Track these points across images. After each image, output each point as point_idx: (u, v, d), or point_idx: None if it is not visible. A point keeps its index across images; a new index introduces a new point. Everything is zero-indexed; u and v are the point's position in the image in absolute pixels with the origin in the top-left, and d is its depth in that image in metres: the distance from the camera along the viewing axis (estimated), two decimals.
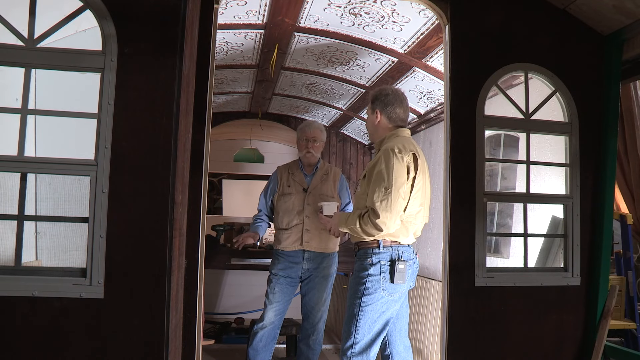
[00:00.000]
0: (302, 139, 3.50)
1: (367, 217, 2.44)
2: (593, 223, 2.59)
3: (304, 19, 3.18)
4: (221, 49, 3.68)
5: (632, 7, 2.33)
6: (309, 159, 3.48)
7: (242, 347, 4.13)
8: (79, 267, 1.87)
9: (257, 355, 3.34)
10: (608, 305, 2.55)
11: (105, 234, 1.85)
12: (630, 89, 4.01)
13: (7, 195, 2.26)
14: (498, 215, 3.83)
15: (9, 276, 1.83)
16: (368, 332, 2.49)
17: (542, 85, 2.65)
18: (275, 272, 3.39)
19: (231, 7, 2.99)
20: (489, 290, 2.41)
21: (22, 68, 1.90)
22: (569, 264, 2.56)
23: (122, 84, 1.90)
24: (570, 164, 2.59)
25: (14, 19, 1.90)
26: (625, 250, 3.90)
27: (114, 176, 1.87)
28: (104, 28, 1.91)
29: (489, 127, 2.51)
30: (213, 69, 2.28)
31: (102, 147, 1.87)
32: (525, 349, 2.46)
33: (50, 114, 2.08)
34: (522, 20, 2.58)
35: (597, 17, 2.54)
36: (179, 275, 1.98)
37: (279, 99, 5.12)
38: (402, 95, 2.72)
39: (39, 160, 2.02)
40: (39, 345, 1.82)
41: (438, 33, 3.03)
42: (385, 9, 2.94)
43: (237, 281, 5.57)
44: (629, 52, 2.59)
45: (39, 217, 2.52)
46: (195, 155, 2.18)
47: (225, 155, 5.68)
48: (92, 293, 1.84)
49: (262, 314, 3.40)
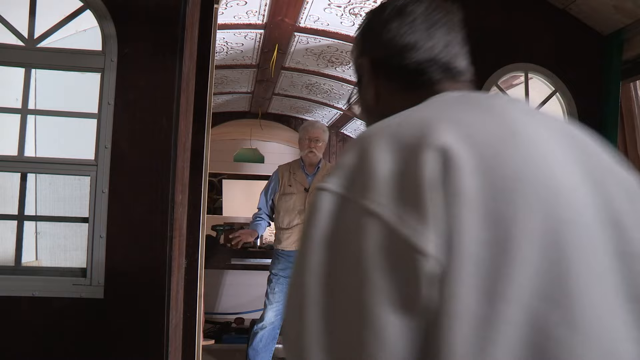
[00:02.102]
0: (304, 138, 3.51)
1: None
2: None
3: (304, 19, 3.18)
4: (221, 49, 3.68)
5: (632, 7, 2.33)
6: (311, 158, 3.49)
7: (242, 347, 4.13)
8: (79, 267, 1.87)
9: (257, 355, 3.34)
10: None
11: (105, 234, 1.85)
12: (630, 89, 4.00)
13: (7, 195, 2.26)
14: None
15: (9, 276, 1.83)
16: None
17: (542, 85, 2.64)
18: (276, 272, 3.39)
19: (231, 7, 2.99)
20: None
21: (22, 68, 1.90)
22: None
23: (122, 84, 1.90)
24: None
25: (14, 19, 1.90)
26: None
27: (114, 176, 1.87)
28: (104, 28, 1.91)
29: None
30: (213, 69, 2.28)
31: (102, 147, 1.87)
32: None
33: (50, 114, 2.08)
34: (522, 20, 2.57)
35: (597, 17, 2.54)
36: (179, 276, 1.98)
37: (279, 99, 5.12)
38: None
39: (39, 160, 2.02)
40: (39, 345, 1.81)
41: None
42: None
43: (237, 281, 5.56)
44: (629, 52, 2.59)
45: (39, 217, 2.52)
46: (195, 155, 2.18)
47: (225, 155, 5.67)
48: (92, 293, 1.83)
49: (262, 314, 3.40)
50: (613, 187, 0.59)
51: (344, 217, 0.53)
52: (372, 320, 0.48)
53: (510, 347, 0.47)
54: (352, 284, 0.50)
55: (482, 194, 0.50)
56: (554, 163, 0.56)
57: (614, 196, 0.58)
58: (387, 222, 0.50)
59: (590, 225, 0.54)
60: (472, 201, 0.50)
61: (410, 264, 0.49)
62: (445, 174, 0.50)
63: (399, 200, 0.50)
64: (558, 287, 0.50)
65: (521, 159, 0.54)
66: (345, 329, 0.50)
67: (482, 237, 0.49)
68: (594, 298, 0.51)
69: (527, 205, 0.51)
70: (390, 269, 0.49)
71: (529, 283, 0.49)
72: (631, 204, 0.58)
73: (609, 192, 0.58)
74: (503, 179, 0.52)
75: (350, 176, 0.55)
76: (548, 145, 0.58)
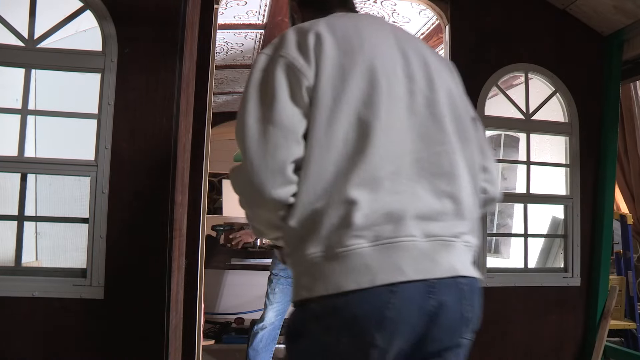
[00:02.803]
0: None
1: None
2: (593, 223, 2.58)
3: None
4: (221, 49, 3.68)
5: (632, 7, 2.33)
6: None
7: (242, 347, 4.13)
8: (79, 267, 1.87)
9: (258, 355, 3.34)
10: (608, 305, 2.55)
11: (105, 234, 1.85)
12: (630, 89, 4.01)
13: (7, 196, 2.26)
14: (498, 216, 3.83)
15: (9, 276, 1.83)
16: None
17: (542, 85, 2.64)
18: (276, 272, 3.39)
19: (231, 7, 3.00)
20: (489, 291, 2.39)
21: (22, 68, 1.90)
22: (569, 264, 2.55)
23: (122, 84, 1.90)
24: (570, 164, 2.59)
25: (14, 19, 1.90)
26: (625, 250, 3.90)
27: (114, 176, 1.87)
28: (104, 28, 1.91)
29: (489, 127, 2.51)
30: (213, 69, 2.28)
31: (102, 147, 1.87)
32: (525, 349, 2.46)
33: (50, 114, 2.08)
34: (522, 21, 2.57)
35: (597, 17, 2.54)
36: (179, 276, 1.98)
37: None
38: None
39: (39, 161, 2.02)
40: (39, 345, 1.81)
41: (438, 33, 3.04)
42: (385, 9, 2.94)
43: (237, 281, 5.56)
44: (629, 52, 2.59)
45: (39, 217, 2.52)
46: (195, 156, 2.18)
47: (225, 155, 5.66)
48: (92, 293, 1.83)
49: (262, 315, 3.40)
50: (414, 58, 1.13)
51: (269, 65, 1.08)
52: (281, 104, 1.03)
53: (345, 124, 1.02)
54: (271, 91, 1.04)
55: (335, 53, 1.06)
56: (377, 41, 1.12)
57: (412, 61, 1.12)
58: (291, 60, 1.05)
59: (393, 71, 1.09)
60: (330, 57, 1.06)
61: (300, 81, 1.04)
62: (318, 43, 1.07)
63: (297, 52, 1.06)
64: (372, 97, 1.04)
65: (358, 39, 1.10)
66: (267, 108, 1.03)
67: (334, 73, 1.04)
68: (391, 106, 1.04)
69: (358, 57, 1.07)
70: (291, 84, 1.04)
71: (356, 94, 1.04)
72: (423, 69, 1.12)
73: (410, 60, 1.12)
74: (346, 47, 1.08)
75: (275, 46, 1.10)
76: (375, 34, 1.15)
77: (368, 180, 0.98)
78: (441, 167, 1.05)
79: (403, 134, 1.04)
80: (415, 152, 1.04)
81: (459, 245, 1.05)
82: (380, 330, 0.94)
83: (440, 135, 1.07)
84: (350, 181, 0.98)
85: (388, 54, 1.11)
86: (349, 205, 0.97)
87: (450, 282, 1.00)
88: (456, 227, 1.05)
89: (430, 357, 1.02)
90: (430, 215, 1.01)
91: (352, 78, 1.04)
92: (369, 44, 1.10)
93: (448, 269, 1.00)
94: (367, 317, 0.94)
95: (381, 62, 1.08)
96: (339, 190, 0.98)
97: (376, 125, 1.01)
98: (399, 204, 0.99)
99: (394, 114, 1.04)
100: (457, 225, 1.05)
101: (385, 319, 0.94)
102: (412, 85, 1.09)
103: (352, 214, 0.96)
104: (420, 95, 1.09)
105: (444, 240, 1.02)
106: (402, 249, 0.97)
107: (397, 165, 1.01)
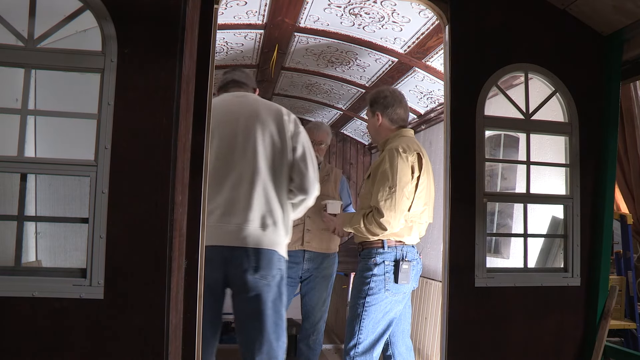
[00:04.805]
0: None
1: (371, 217, 2.44)
2: (593, 223, 2.58)
3: (304, 19, 3.18)
4: (221, 49, 3.68)
5: (632, 7, 2.33)
6: None
7: None
8: (79, 267, 1.87)
9: None
10: (608, 305, 2.55)
11: (105, 234, 1.85)
12: (630, 89, 4.01)
13: (7, 196, 2.26)
14: (498, 216, 3.83)
15: (9, 276, 1.83)
16: (371, 332, 2.49)
17: (542, 85, 2.64)
18: None
19: (231, 7, 3.00)
20: (489, 291, 2.41)
21: (22, 68, 1.90)
22: (569, 264, 2.55)
23: (122, 84, 1.90)
24: (570, 164, 2.59)
25: (14, 19, 1.90)
26: (625, 250, 3.90)
27: (114, 176, 1.87)
28: (104, 28, 1.91)
29: (489, 127, 2.51)
30: (213, 69, 2.27)
31: (102, 147, 1.87)
32: (525, 349, 2.46)
33: (50, 114, 2.08)
34: (522, 21, 2.57)
35: (597, 17, 2.54)
36: (179, 276, 1.98)
37: (279, 99, 5.12)
38: (400, 95, 2.73)
39: (39, 161, 2.02)
40: (38, 346, 1.81)
41: (438, 33, 3.03)
42: (385, 9, 2.94)
43: None
44: (629, 52, 2.58)
45: (39, 217, 2.52)
46: (195, 156, 2.18)
47: None
48: (92, 293, 1.83)
49: None
50: (254, 121, 2.38)
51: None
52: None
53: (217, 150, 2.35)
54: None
55: (222, 117, 2.35)
56: (236, 110, 2.40)
57: (252, 124, 2.36)
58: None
59: (239, 129, 2.36)
60: (217, 116, 2.28)
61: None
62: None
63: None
64: (227, 141, 2.36)
65: (227, 109, 2.40)
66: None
67: (219, 132, 2.36)
68: (231, 148, 2.38)
69: (224, 118, 2.36)
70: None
71: (220, 141, 2.34)
72: (261, 127, 2.38)
73: (252, 124, 2.37)
74: (223, 113, 2.36)
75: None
76: (236, 106, 2.43)
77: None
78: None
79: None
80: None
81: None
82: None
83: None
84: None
85: (240, 119, 2.40)
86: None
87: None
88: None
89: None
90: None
91: (221, 130, 2.41)
92: (231, 112, 2.42)
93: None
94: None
95: (235, 123, 2.38)
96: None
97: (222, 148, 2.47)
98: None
99: (232, 146, 2.43)
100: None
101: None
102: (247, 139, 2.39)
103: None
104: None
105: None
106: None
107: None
